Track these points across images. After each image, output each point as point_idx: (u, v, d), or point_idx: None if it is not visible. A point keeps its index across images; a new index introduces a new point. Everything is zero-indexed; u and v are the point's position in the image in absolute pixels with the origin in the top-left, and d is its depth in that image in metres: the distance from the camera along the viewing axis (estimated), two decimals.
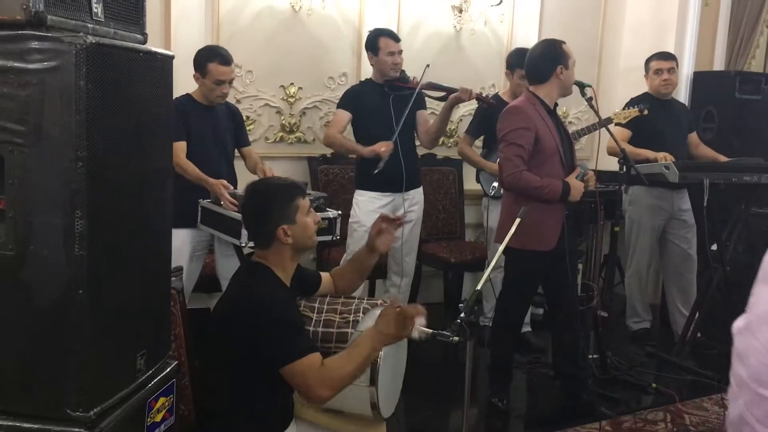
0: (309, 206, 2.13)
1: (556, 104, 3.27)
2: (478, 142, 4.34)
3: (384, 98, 3.79)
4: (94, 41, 1.61)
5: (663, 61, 4.30)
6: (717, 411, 3.50)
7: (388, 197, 3.82)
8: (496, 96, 4.22)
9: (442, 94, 3.89)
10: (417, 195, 3.96)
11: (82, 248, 1.61)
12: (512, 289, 3.38)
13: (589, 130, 4.16)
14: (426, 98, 3.99)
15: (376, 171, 3.64)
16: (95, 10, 1.71)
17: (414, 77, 3.86)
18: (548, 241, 3.17)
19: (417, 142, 4.02)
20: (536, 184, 3.12)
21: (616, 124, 4.16)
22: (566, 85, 3.25)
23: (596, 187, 3.31)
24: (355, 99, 3.85)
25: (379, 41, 3.79)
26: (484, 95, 3.95)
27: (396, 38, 3.83)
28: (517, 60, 4.04)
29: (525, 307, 3.51)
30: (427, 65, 3.77)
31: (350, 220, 3.86)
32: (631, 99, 4.29)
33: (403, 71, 3.85)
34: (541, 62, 3.25)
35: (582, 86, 3.31)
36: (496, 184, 4.06)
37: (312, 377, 1.89)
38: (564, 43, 3.27)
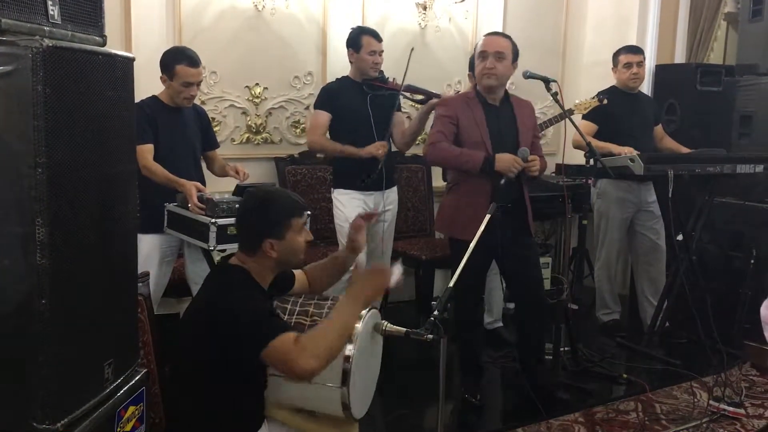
0: (303, 225, 2.13)
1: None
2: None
3: (362, 97, 3.77)
4: (51, 44, 1.56)
5: (632, 54, 4.35)
6: (687, 399, 3.56)
7: (369, 196, 3.82)
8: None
9: (421, 97, 3.88)
10: (393, 194, 3.96)
11: (43, 257, 1.57)
12: (458, 279, 3.39)
13: (551, 122, 4.18)
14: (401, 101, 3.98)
15: (370, 177, 3.66)
16: (51, 12, 1.66)
17: (393, 78, 3.83)
18: (467, 230, 3.14)
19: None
20: (454, 153, 3.23)
21: (583, 118, 4.20)
22: (477, 79, 3.34)
23: (538, 174, 3.32)
24: (332, 97, 3.80)
25: (361, 39, 3.76)
26: None
27: (379, 38, 3.81)
28: None
29: (473, 296, 3.47)
30: (412, 48, 3.79)
31: (336, 220, 3.86)
32: (598, 93, 4.33)
33: (381, 71, 3.83)
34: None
35: (547, 81, 3.33)
36: None
37: (293, 350, 1.85)
38: (484, 36, 3.41)
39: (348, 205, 3.79)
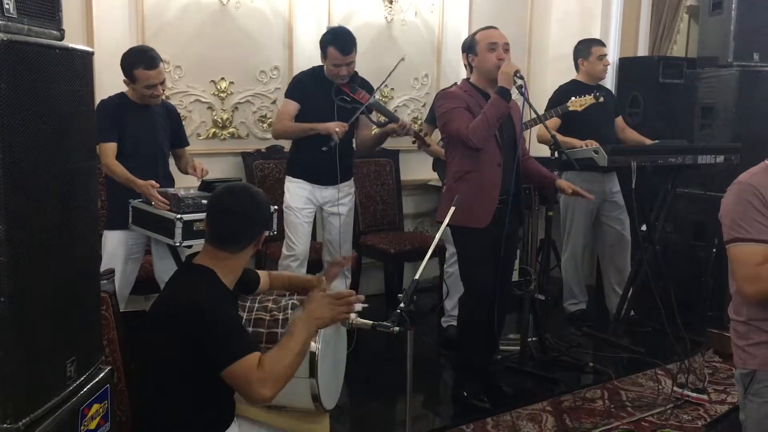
0: None
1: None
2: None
3: (329, 98, 3.67)
4: (5, 39, 1.54)
5: (602, 47, 4.45)
6: (652, 386, 3.62)
7: (318, 189, 3.80)
8: (454, 86, 4.15)
9: (383, 119, 3.82)
10: (348, 187, 3.92)
11: (2, 254, 1.54)
12: (464, 269, 3.40)
13: (545, 117, 4.15)
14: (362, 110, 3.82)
15: (325, 148, 3.52)
16: (6, 6, 1.63)
17: (364, 92, 3.73)
18: (481, 219, 3.21)
19: None
20: (486, 118, 3.13)
21: (571, 111, 4.17)
22: (482, 70, 3.28)
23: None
24: (302, 89, 3.73)
25: (327, 50, 3.62)
26: (423, 133, 3.91)
27: (345, 50, 3.58)
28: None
29: (485, 286, 3.30)
30: (402, 59, 3.75)
31: (282, 205, 3.82)
32: (560, 87, 4.38)
33: (356, 72, 3.74)
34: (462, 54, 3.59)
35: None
36: None
37: (253, 377, 1.85)
38: (483, 29, 3.33)
39: (294, 193, 3.79)
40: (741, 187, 2.09)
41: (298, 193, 3.78)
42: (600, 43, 4.49)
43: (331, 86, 3.71)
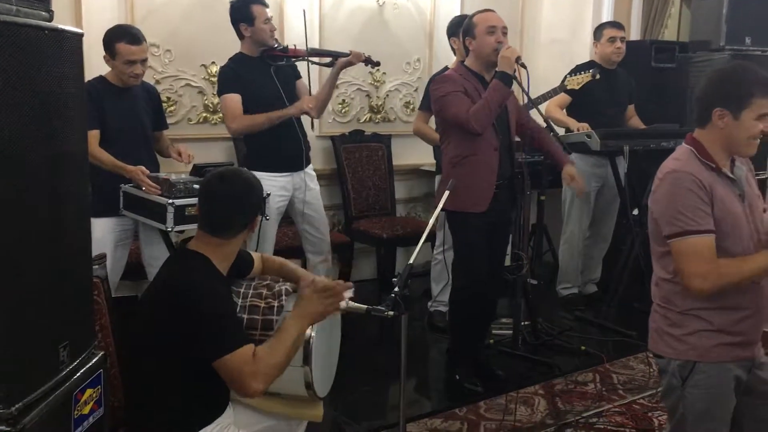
0: None
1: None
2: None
3: (266, 72, 3.52)
4: None
5: (616, 29, 4.39)
6: (643, 369, 3.64)
7: (286, 177, 3.61)
8: (446, 69, 4.11)
9: (328, 60, 3.66)
10: (312, 171, 3.78)
11: None
12: (459, 254, 3.38)
13: (545, 97, 4.14)
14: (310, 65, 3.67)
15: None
16: None
17: (294, 45, 3.63)
18: (480, 203, 3.21)
19: None
20: (487, 103, 3.11)
21: (569, 89, 4.16)
22: (480, 54, 3.24)
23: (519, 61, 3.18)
24: (236, 79, 3.50)
25: (252, 10, 3.47)
26: (372, 58, 3.74)
27: (266, 3, 3.52)
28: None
29: (478, 273, 3.30)
30: (304, 10, 3.66)
31: None
32: (577, 66, 4.31)
33: (277, 39, 3.62)
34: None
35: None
36: None
37: (245, 371, 1.86)
38: (481, 12, 3.28)
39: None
40: (679, 176, 1.98)
41: (264, 186, 3.62)
42: (615, 25, 4.43)
43: (259, 62, 3.55)
